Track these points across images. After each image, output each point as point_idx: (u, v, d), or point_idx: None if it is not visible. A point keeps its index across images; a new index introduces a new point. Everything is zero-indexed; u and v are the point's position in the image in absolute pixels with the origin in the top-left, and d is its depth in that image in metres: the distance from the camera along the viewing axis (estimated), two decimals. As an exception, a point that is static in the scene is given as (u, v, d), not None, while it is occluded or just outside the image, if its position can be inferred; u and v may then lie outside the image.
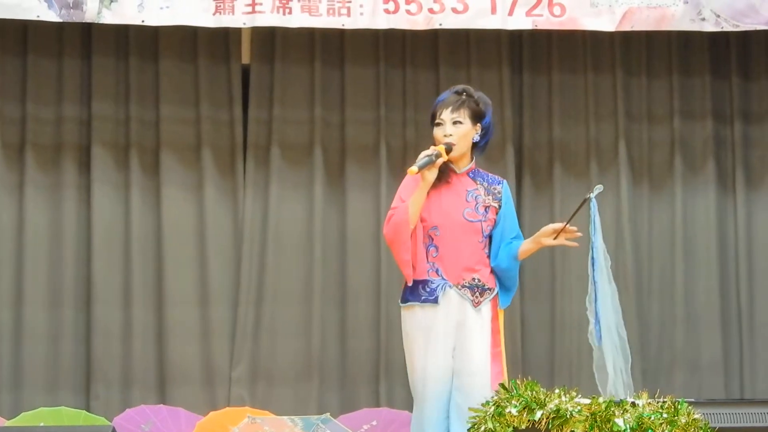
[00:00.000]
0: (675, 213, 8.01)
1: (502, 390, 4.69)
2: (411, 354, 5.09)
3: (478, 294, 5.08)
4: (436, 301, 5.04)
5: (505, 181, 5.26)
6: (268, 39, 7.84)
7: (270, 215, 7.76)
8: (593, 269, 5.11)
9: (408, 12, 7.12)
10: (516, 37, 7.97)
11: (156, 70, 7.76)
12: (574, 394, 4.69)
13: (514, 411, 4.61)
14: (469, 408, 4.76)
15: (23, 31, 7.64)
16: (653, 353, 7.92)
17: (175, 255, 7.67)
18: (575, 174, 8.00)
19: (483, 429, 4.64)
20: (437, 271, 5.06)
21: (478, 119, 5.11)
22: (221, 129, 7.81)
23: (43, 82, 7.68)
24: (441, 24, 7.19)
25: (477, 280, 5.09)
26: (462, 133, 5.08)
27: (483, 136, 5.14)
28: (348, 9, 7.10)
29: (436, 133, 5.10)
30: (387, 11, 7.11)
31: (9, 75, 7.67)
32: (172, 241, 7.67)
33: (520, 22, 7.21)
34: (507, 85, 7.95)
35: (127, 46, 7.73)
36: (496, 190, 5.18)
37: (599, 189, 5.02)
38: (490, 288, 5.12)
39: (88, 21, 7.05)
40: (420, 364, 5.05)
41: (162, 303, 7.63)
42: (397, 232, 4.99)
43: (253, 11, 7.05)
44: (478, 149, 5.18)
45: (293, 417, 6.91)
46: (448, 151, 5.03)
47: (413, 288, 5.07)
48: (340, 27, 7.21)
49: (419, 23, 7.17)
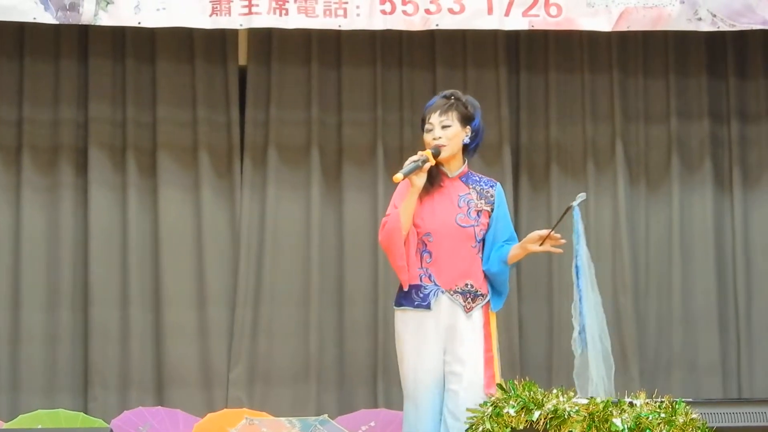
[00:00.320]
0: (672, 213, 8.02)
1: (499, 391, 4.70)
2: (402, 354, 5.13)
3: (470, 299, 5.11)
4: (428, 307, 5.08)
5: (499, 184, 5.27)
6: (264, 40, 7.84)
7: (267, 216, 7.76)
8: (577, 277, 5.15)
9: (405, 13, 7.12)
10: (513, 38, 7.97)
11: (153, 71, 7.76)
12: (571, 394, 4.71)
13: (512, 411, 4.62)
14: (467, 409, 4.78)
15: (20, 33, 7.64)
16: (651, 353, 7.92)
17: (173, 256, 7.67)
18: (572, 174, 8.00)
19: (481, 429, 4.64)
20: (430, 277, 5.09)
21: (467, 122, 5.15)
22: (218, 130, 7.81)
23: (40, 84, 7.68)
24: (438, 24, 7.19)
25: (470, 285, 5.11)
26: (451, 136, 5.11)
27: (473, 138, 5.17)
28: (344, 10, 7.10)
29: (425, 138, 5.14)
30: (383, 12, 7.11)
31: (6, 77, 7.66)
32: (169, 243, 7.67)
33: (516, 22, 7.20)
34: (504, 86, 7.95)
35: (124, 47, 7.73)
36: (489, 193, 5.20)
37: (582, 197, 5.10)
38: (482, 294, 5.14)
39: (84, 23, 7.04)
40: (411, 364, 5.09)
41: (159, 304, 7.62)
42: (391, 238, 5.03)
43: (250, 12, 7.04)
44: (469, 152, 5.21)
45: (291, 418, 6.90)
46: (435, 156, 5.06)
47: (406, 292, 5.11)
48: (336, 28, 7.20)
49: (416, 24, 7.17)
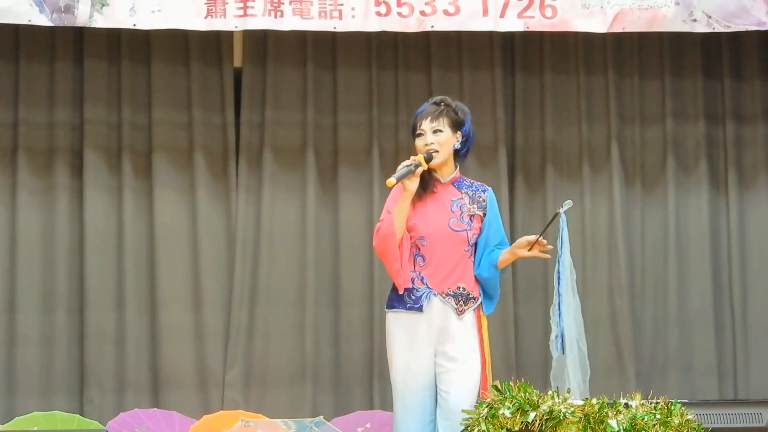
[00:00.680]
0: (668, 214, 8.02)
1: (495, 392, 4.71)
2: (393, 356, 5.17)
3: (462, 302, 5.15)
4: (420, 309, 5.12)
5: (491, 189, 5.35)
6: (260, 42, 7.84)
7: (263, 218, 7.76)
8: (558, 283, 5.24)
9: (400, 14, 7.12)
10: (508, 39, 7.97)
11: (148, 73, 7.75)
12: (567, 395, 4.71)
13: (507, 413, 4.62)
14: (463, 410, 4.79)
15: (15, 36, 7.63)
16: (647, 354, 7.92)
17: (168, 258, 7.66)
18: (568, 175, 8.00)
19: (477, 431, 4.64)
20: (422, 280, 5.14)
21: (457, 127, 5.23)
22: (213, 132, 7.80)
23: (35, 86, 7.67)
24: (433, 26, 7.18)
25: (462, 288, 5.16)
26: (443, 141, 5.18)
27: (464, 143, 5.26)
28: (340, 12, 7.10)
29: (417, 144, 5.22)
30: (379, 14, 7.11)
31: (1, 79, 7.64)
32: (165, 245, 7.66)
33: (511, 23, 7.20)
34: (499, 87, 7.95)
35: (119, 49, 7.72)
36: (481, 198, 5.27)
37: (569, 204, 5.18)
38: (474, 297, 5.20)
39: (79, 25, 7.03)
40: (402, 362, 5.13)
41: (155, 306, 7.62)
42: (385, 243, 5.08)
43: (245, 14, 7.03)
44: (460, 157, 5.30)
45: (287, 420, 6.90)
46: (428, 160, 5.13)
47: (399, 295, 5.16)
48: (331, 30, 7.19)
49: (411, 25, 7.16)
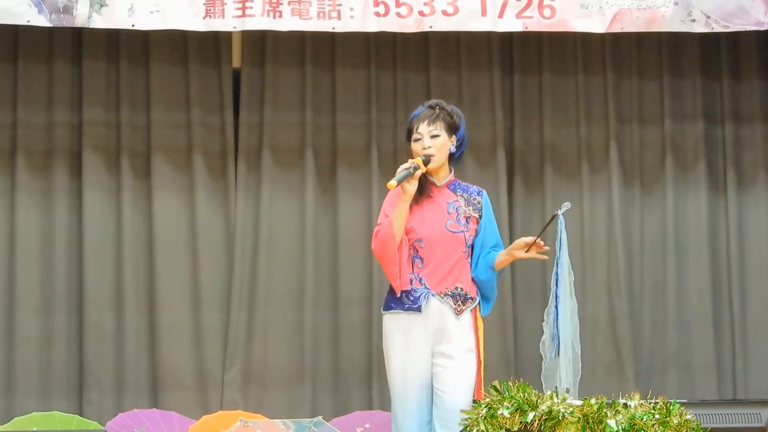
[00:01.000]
0: (666, 214, 8.02)
1: (494, 392, 4.71)
2: (391, 356, 5.17)
3: (460, 302, 5.18)
4: (419, 310, 5.13)
5: (485, 191, 5.38)
6: (258, 42, 7.84)
7: (261, 219, 7.75)
8: (556, 285, 5.27)
9: (398, 15, 7.12)
10: (506, 39, 7.97)
11: (147, 74, 7.75)
12: (566, 395, 4.71)
13: (506, 413, 4.62)
14: (462, 410, 4.79)
15: (14, 36, 7.62)
16: (646, 354, 7.92)
17: (167, 259, 7.66)
18: (566, 176, 8.00)
19: (475, 431, 4.64)
20: (420, 280, 5.16)
21: (453, 131, 5.26)
22: (212, 133, 7.80)
23: (34, 86, 7.66)
24: (431, 26, 7.18)
25: (460, 289, 5.18)
26: (440, 145, 5.21)
27: (458, 147, 5.29)
28: (338, 12, 7.09)
29: (414, 147, 5.23)
30: (377, 14, 7.11)
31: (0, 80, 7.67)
32: (163, 245, 7.66)
33: (510, 24, 7.20)
34: (498, 87, 7.95)
35: (118, 50, 7.72)
36: (476, 200, 5.30)
37: (567, 206, 5.19)
38: (472, 297, 5.22)
39: (78, 26, 7.03)
40: (400, 363, 5.13)
41: (154, 307, 7.61)
42: (385, 246, 5.10)
43: (244, 15, 7.03)
44: (454, 161, 5.32)
45: (286, 420, 6.91)
46: (426, 163, 5.17)
47: (397, 296, 5.15)
48: (330, 30, 7.19)
49: (409, 26, 7.16)
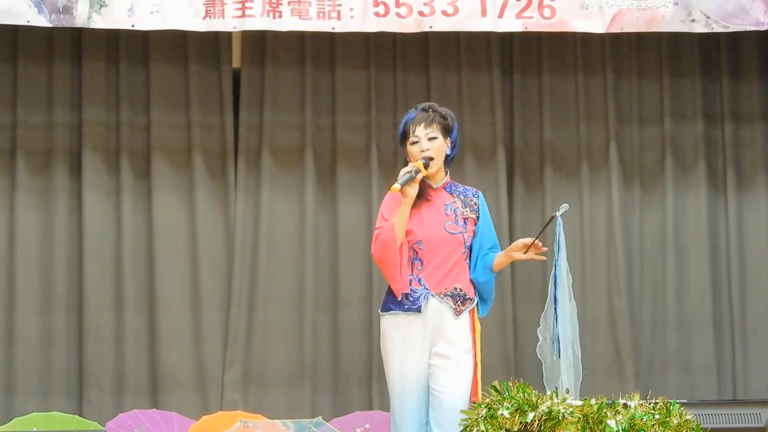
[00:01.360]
0: (666, 214, 8.02)
1: (494, 392, 4.71)
2: (389, 355, 5.18)
3: (459, 303, 5.19)
4: (418, 310, 5.15)
5: (481, 193, 5.39)
6: (258, 43, 7.84)
7: (261, 219, 7.75)
8: (555, 287, 5.27)
9: (398, 15, 7.12)
10: (506, 40, 7.97)
11: (146, 74, 7.75)
12: (566, 396, 4.71)
13: (506, 413, 4.62)
14: (462, 410, 4.79)
15: (13, 37, 7.63)
16: (646, 354, 7.93)
17: (167, 259, 7.66)
18: (566, 176, 8.00)
19: (475, 431, 4.64)
20: (420, 281, 5.17)
21: (447, 133, 5.27)
22: (212, 133, 7.80)
23: (34, 87, 7.67)
24: (431, 27, 7.18)
25: (459, 289, 5.20)
26: (437, 147, 5.21)
27: (452, 148, 5.30)
28: (338, 12, 7.09)
29: (412, 150, 5.22)
30: (377, 14, 7.11)
31: (-1, 80, 7.68)
32: (163, 246, 7.66)
33: (510, 24, 7.20)
34: (497, 88, 7.95)
35: (118, 50, 7.72)
36: (472, 202, 5.32)
37: (565, 208, 5.21)
38: (470, 298, 5.24)
39: (78, 26, 7.03)
40: (399, 363, 5.14)
41: (154, 307, 7.61)
42: (386, 250, 5.10)
43: (243, 15, 7.03)
44: (448, 162, 5.33)
45: (286, 420, 6.91)
46: (426, 166, 5.15)
47: (396, 298, 5.14)
48: (330, 30, 7.19)
49: (409, 26, 7.16)
